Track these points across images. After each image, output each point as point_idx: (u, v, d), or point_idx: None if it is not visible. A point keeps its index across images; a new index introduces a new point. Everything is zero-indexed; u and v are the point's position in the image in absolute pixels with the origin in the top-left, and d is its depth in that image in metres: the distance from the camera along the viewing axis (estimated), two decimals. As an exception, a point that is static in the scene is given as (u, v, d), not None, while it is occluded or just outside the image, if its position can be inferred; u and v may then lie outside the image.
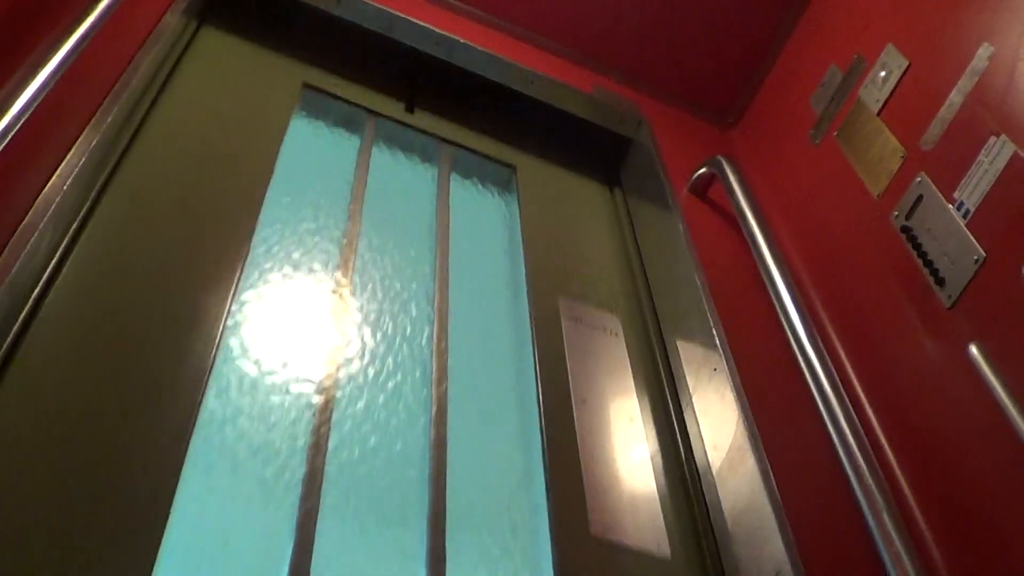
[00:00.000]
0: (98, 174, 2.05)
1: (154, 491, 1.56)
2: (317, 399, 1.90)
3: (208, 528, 1.63)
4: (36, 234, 1.68)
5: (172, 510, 1.55)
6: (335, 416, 1.89)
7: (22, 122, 1.66)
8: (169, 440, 1.64)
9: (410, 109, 2.91)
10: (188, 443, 1.66)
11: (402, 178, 2.70)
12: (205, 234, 2.08)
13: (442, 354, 2.14)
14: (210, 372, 1.80)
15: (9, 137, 1.62)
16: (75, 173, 1.85)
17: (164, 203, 2.11)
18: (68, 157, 1.88)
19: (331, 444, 1.84)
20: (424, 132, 2.85)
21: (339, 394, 1.95)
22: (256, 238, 2.15)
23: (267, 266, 2.16)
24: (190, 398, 1.73)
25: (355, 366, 2.03)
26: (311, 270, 2.20)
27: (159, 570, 1.47)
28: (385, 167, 2.69)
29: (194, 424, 1.70)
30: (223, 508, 1.67)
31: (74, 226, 1.92)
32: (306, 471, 1.76)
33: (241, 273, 2.03)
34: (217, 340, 1.85)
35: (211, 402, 1.79)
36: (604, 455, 2.06)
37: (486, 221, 2.74)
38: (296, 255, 2.22)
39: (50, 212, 1.74)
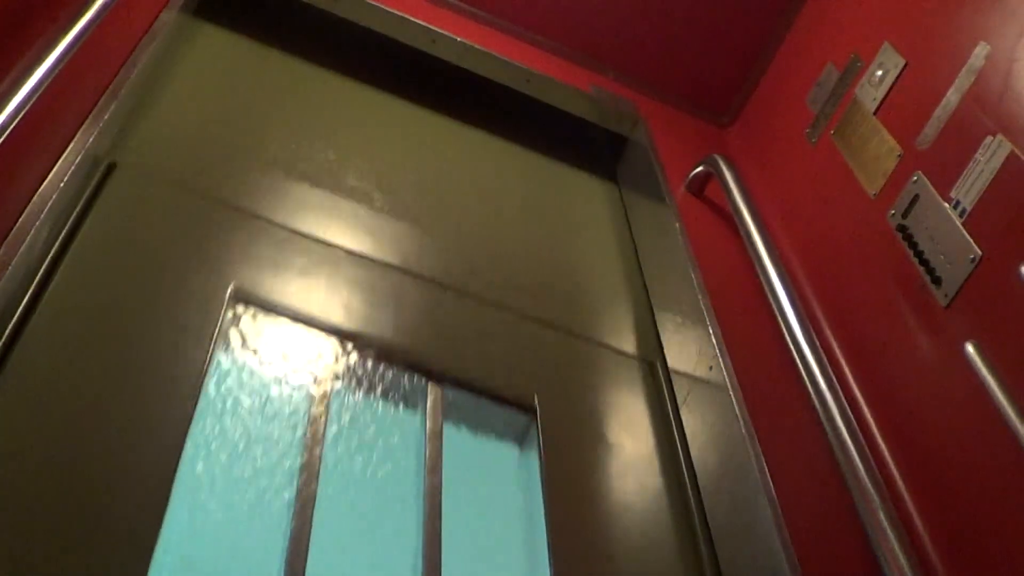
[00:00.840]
0: (95, 172, 2.04)
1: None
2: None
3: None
4: (32, 232, 1.68)
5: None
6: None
7: (19, 119, 1.66)
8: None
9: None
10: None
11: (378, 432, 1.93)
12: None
13: None
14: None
15: (5, 134, 1.62)
16: (71, 171, 1.85)
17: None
18: (65, 155, 1.88)
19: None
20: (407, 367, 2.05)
21: None
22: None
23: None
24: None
25: None
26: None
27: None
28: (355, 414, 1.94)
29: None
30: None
31: (70, 224, 1.91)
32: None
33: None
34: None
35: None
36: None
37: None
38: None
39: (46, 210, 1.74)
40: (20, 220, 1.68)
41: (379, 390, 1.98)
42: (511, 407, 2.07)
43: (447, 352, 2.12)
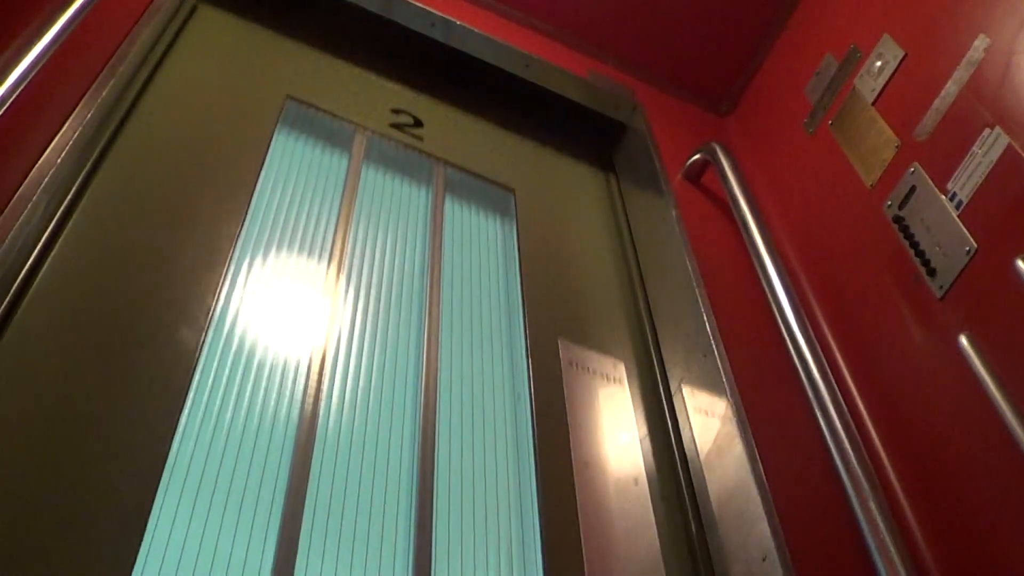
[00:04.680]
0: (92, 148, 2.03)
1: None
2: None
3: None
4: (29, 207, 1.67)
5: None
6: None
7: (17, 94, 1.66)
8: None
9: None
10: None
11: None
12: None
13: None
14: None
15: (3, 109, 1.62)
16: (69, 147, 1.84)
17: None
18: (62, 131, 1.87)
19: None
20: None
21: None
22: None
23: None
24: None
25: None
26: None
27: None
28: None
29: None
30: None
31: (67, 200, 1.90)
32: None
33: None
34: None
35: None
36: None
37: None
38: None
39: (43, 185, 1.73)
40: (17, 195, 1.68)
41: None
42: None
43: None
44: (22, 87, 1.67)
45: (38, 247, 1.78)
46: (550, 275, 2.47)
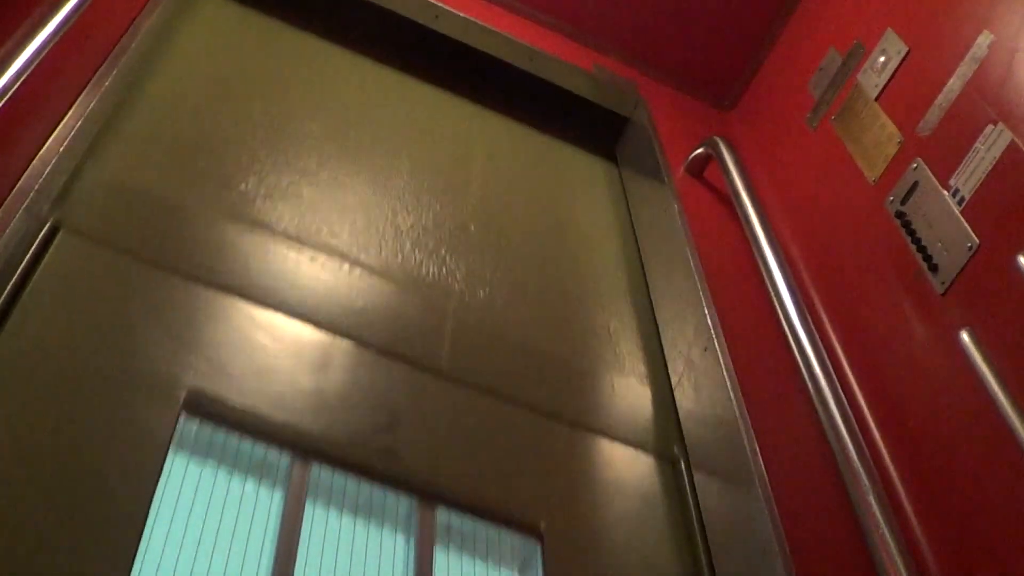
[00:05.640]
0: (95, 136, 2.04)
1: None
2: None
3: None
4: (31, 197, 1.68)
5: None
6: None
7: (20, 82, 1.66)
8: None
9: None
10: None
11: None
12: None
13: None
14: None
15: (7, 97, 1.62)
16: (71, 135, 1.84)
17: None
18: (65, 119, 1.87)
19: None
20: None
21: None
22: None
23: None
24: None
25: None
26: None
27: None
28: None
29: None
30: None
31: (68, 192, 1.90)
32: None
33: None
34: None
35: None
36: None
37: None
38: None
39: (46, 173, 1.73)
40: (19, 183, 1.68)
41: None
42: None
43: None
44: (24, 77, 1.67)
45: (38, 239, 1.77)
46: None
